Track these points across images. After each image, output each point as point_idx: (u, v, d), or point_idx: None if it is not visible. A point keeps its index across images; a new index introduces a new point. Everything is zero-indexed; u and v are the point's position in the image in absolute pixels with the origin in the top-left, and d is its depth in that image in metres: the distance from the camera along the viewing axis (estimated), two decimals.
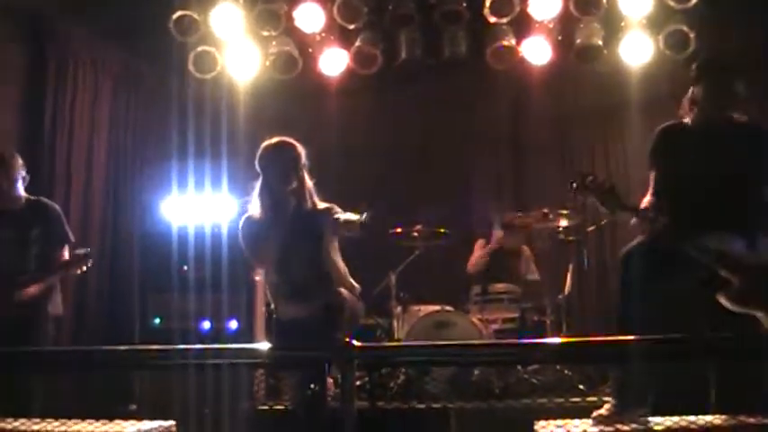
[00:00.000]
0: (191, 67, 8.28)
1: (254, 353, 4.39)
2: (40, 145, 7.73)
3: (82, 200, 7.98)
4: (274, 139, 5.70)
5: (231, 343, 6.64)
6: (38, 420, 4.88)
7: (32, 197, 6.07)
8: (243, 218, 5.62)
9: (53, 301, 6.02)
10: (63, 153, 7.86)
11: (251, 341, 7.01)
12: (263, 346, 3.93)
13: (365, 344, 3.71)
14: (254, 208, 5.56)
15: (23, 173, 5.99)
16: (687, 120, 4.84)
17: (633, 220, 4.61)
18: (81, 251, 5.89)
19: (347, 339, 3.67)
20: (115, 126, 8.40)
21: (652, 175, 4.82)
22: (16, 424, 4.80)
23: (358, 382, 4.28)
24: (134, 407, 6.81)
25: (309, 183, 5.63)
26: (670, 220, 4.59)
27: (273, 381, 7.27)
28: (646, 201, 4.74)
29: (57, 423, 4.70)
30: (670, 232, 4.51)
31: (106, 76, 8.36)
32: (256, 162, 5.66)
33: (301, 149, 5.73)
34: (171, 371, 6.46)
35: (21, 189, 5.96)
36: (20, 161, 5.99)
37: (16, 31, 7.74)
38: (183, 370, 6.33)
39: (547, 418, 4.32)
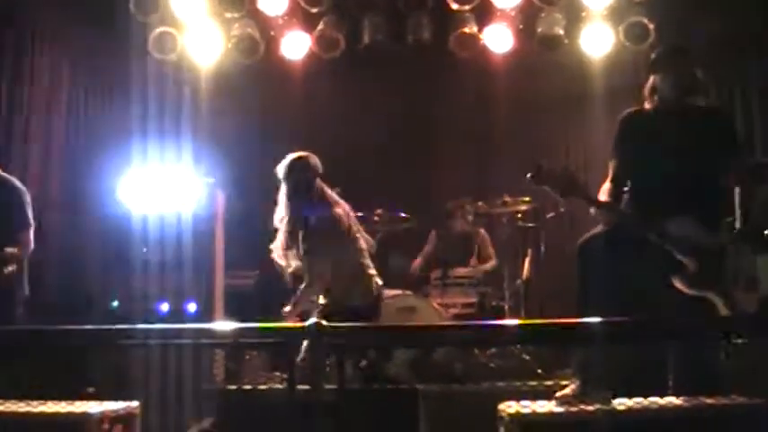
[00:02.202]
0: (150, 48, 8.20)
1: (220, 333, 4.41)
2: None
3: (40, 181, 7.85)
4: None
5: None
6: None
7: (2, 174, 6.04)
8: None
9: (22, 282, 6.01)
10: (19, 133, 7.72)
11: (210, 323, 7.00)
12: (226, 325, 3.92)
13: (333, 324, 3.74)
14: None
15: None
16: (647, 107, 4.91)
17: (591, 210, 4.69)
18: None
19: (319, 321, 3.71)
20: (74, 106, 8.29)
21: (612, 163, 4.89)
22: None
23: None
24: (92, 389, 6.75)
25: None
26: (630, 207, 4.68)
27: (233, 363, 7.28)
28: (604, 188, 4.81)
29: (20, 404, 4.66)
30: (629, 218, 4.60)
31: (65, 55, 8.24)
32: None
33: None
34: (130, 352, 6.46)
35: None
36: None
37: None
38: (143, 351, 6.37)
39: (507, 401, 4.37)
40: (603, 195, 4.77)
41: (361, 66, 8.71)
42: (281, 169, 6.22)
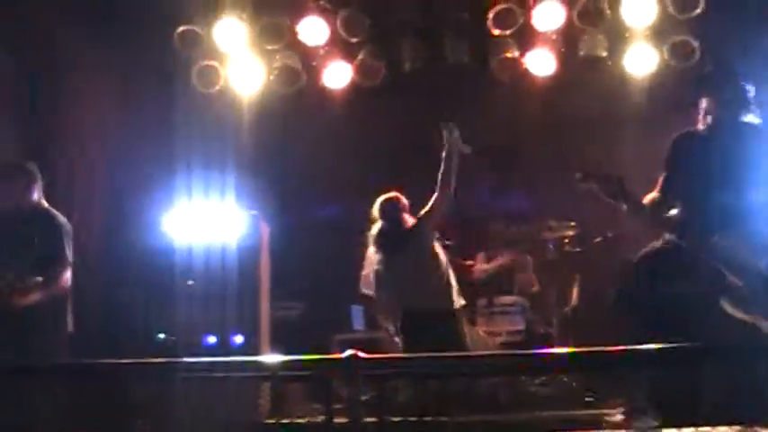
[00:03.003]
0: (194, 82, 8.28)
1: (260, 365, 4.39)
2: (43, 160, 7.71)
3: (84, 214, 7.95)
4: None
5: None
6: None
7: (44, 206, 6.06)
8: None
9: (63, 318, 6.00)
10: (65, 168, 7.86)
11: (256, 354, 6.99)
12: (270, 358, 3.90)
13: (370, 356, 3.70)
14: None
15: (40, 182, 6.04)
16: (701, 127, 4.88)
17: (624, 207, 4.66)
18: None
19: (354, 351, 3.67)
20: (119, 140, 8.40)
21: (662, 176, 4.86)
22: None
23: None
24: (140, 422, 6.77)
25: None
26: (680, 225, 4.63)
27: (277, 395, 7.26)
28: (650, 196, 4.79)
29: None
30: (682, 236, 4.54)
31: (110, 90, 8.37)
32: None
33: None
34: (175, 385, 6.46)
35: (35, 196, 6.00)
36: (36, 171, 6.05)
37: (22, 47, 7.76)
38: (188, 383, 6.36)
39: (555, 430, 4.29)
40: (648, 202, 4.78)
41: (402, 92, 8.69)
42: (376, 209, 6.77)
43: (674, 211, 4.84)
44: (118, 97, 8.41)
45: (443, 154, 6.57)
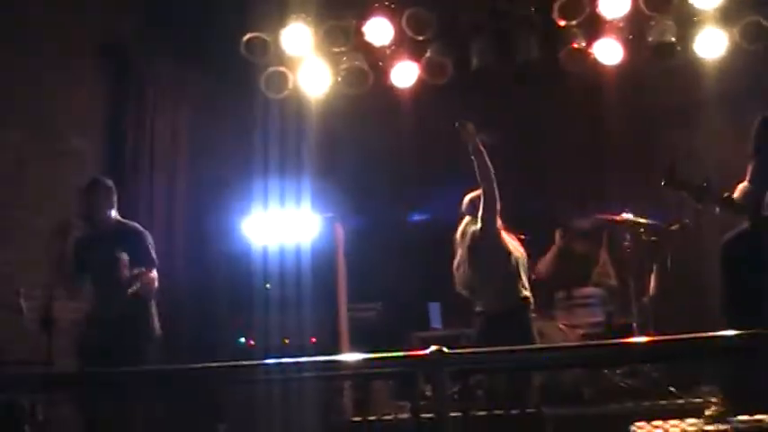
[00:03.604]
0: (263, 88, 8.38)
1: (346, 364, 4.41)
2: (122, 168, 7.94)
3: (165, 221, 8.15)
4: None
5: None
6: None
7: (122, 220, 6.24)
8: None
9: (152, 320, 6.21)
10: (145, 177, 8.06)
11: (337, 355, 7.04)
12: (356, 356, 3.93)
13: (455, 351, 3.70)
14: None
15: (114, 197, 6.22)
16: None
17: (716, 210, 4.58)
18: (135, 271, 6.01)
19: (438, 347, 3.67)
20: (194, 147, 8.56)
21: (751, 164, 4.77)
22: None
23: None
24: (223, 426, 6.86)
25: None
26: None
27: (361, 394, 7.30)
28: (741, 186, 4.70)
29: None
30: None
31: (183, 98, 8.54)
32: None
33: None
34: (259, 387, 6.55)
35: (112, 212, 6.21)
36: (111, 186, 6.23)
37: (98, 60, 7.97)
38: (269, 386, 6.43)
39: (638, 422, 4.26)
40: (739, 194, 4.68)
41: (471, 89, 8.67)
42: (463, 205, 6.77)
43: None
44: (193, 109, 8.56)
45: (470, 151, 6.53)
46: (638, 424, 4.13)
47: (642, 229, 7.69)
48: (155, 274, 6.14)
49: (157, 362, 6.19)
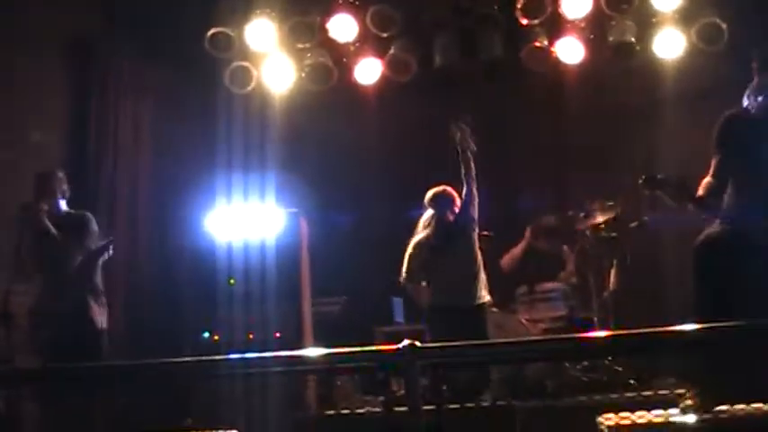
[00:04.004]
0: (227, 83, 8.37)
1: (313, 359, 4.45)
2: (85, 162, 7.91)
3: (127, 215, 8.15)
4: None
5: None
6: None
7: (71, 211, 6.28)
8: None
9: (101, 314, 6.16)
10: (107, 169, 8.04)
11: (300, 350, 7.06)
12: (323, 352, 3.97)
13: (427, 345, 3.76)
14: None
15: (65, 189, 6.24)
16: (751, 107, 4.91)
17: (690, 207, 4.70)
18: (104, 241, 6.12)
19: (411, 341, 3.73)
20: (157, 142, 8.54)
21: (715, 159, 4.90)
22: None
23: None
24: (190, 420, 6.85)
25: None
26: (736, 204, 4.67)
27: (325, 389, 7.34)
28: (705, 182, 4.83)
29: None
30: (738, 216, 4.58)
31: (147, 93, 8.52)
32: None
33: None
34: (224, 382, 6.55)
35: (63, 205, 6.24)
36: (62, 178, 6.23)
37: (59, 52, 7.93)
38: (234, 381, 6.44)
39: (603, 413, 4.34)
40: (703, 190, 4.81)
41: (434, 86, 8.74)
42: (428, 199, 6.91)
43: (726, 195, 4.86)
44: (157, 103, 8.54)
45: (458, 151, 6.72)
46: (605, 416, 4.21)
47: (602, 226, 7.82)
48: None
49: (108, 355, 6.14)
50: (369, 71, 8.51)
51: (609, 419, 4.17)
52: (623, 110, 8.97)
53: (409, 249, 6.87)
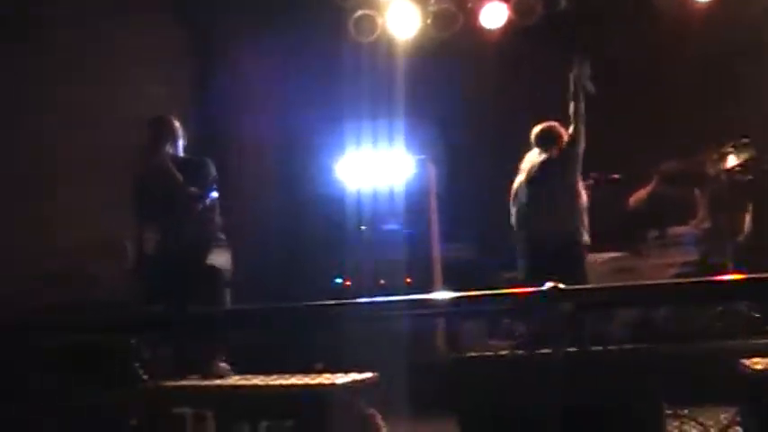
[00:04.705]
0: (352, 32, 8.42)
1: (437, 303, 4.51)
2: (212, 119, 8.08)
3: (255, 167, 8.31)
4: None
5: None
6: (249, 376, 5.16)
7: (190, 156, 6.17)
8: None
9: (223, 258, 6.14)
10: (235, 125, 8.21)
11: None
12: (448, 295, 4.02)
13: (570, 287, 3.76)
14: None
15: (182, 134, 6.12)
16: None
17: None
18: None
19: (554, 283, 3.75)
20: (282, 95, 8.66)
21: None
22: (236, 378, 5.10)
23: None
24: (320, 365, 6.99)
25: None
26: None
27: (454, 333, 7.42)
28: None
29: (274, 376, 4.95)
30: None
31: (269, 48, 8.62)
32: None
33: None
34: (354, 326, 6.66)
35: (180, 150, 6.12)
36: (177, 124, 6.14)
37: (179, 12, 8.10)
38: (366, 324, 6.55)
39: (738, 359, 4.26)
40: None
41: (559, 28, 8.60)
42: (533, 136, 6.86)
43: None
44: (281, 55, 8.65)
45: (571, 88, 6.62)
46: (753, 360, 4.14)
47: (737, 169, 7.62)
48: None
49: (231, 300, 6.13)
50: (494, 15, 8.43)
51: (756, 363, 4.10)
52: (755, 48, 8.66)
53: (512, 193, 6.82)
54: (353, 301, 4.36)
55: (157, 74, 7.87)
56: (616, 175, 7.75)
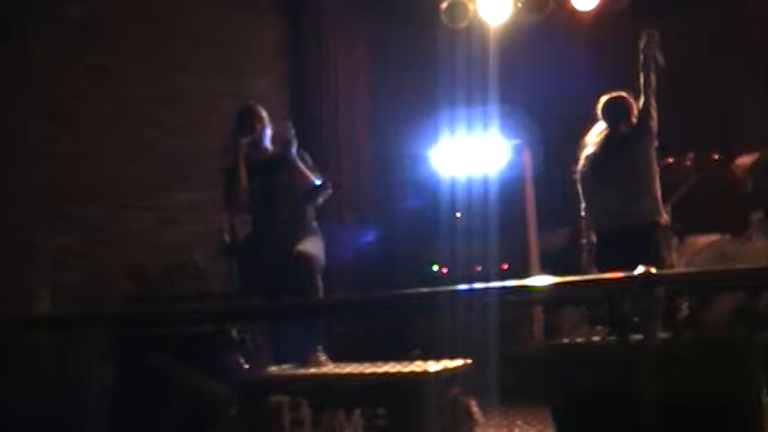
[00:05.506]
0: (443, 19, 8.41)
1: (539, 289, 4.47)
2: (305, 112, 8.18)
3: (351, 154, 8.38)
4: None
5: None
6: (343, 365, 5.22)
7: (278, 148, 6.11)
8: None
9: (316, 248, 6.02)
10: (329, 118, 8.30)
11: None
12: (548, 280, 3.97)
13: (664, 272, 3.70)
14: None
15: (265, 122, 6.08)
16: None
17: None
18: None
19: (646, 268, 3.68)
20: (375, 85, 8.72)
21: None
22: (331, 366, 5.18)
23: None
24: (417, 351, 7.02)
25: None
26: None
27: (551, 317, 7.35)
28: None
29: (367, 364, 5.00)
30: None
31: (361, 37, 8.69)
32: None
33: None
34: (449, 313, 6.65)
35: (268, 138, 6.10)
36: (265, 113, 6.10)
37: (271, 5, 8.21)
38: (461, 312, 6.53)
39: None
40: None
41: (653, 12, 8.41)
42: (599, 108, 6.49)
43: None
44: (372, 45, 8.71)
45: (641, 61, 6.30)
46: None
47: None
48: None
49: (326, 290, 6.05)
50: None
51: None
52: None
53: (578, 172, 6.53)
54: (448, 288, 4.33)
55: (260, 66, 8.04)
56: (716, 157, 7.55)
